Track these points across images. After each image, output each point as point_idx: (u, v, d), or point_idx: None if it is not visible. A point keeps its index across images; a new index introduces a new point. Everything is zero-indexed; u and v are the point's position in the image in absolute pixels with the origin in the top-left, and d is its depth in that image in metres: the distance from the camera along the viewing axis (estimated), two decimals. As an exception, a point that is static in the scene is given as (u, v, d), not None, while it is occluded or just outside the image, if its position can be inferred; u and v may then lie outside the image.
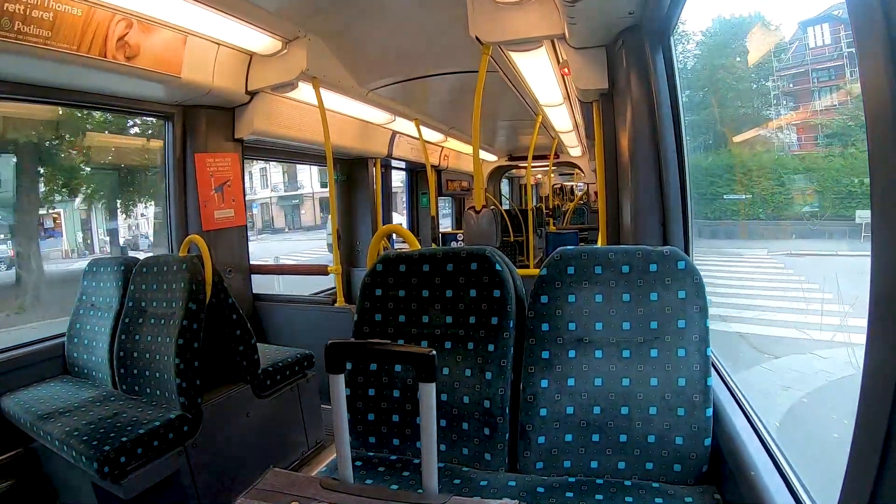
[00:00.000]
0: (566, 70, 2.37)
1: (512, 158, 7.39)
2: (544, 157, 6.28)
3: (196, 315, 1.99)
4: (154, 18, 2.12)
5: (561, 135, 5.06)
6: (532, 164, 4.39)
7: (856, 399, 0.68)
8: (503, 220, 5.76)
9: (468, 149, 5.94)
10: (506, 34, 2.05)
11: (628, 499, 1.12)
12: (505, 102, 3.85)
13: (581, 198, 9.23)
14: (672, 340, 1.21)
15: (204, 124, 2.87)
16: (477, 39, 2.07)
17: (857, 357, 0.69)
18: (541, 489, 1.17)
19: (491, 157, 7.23)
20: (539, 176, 8.60)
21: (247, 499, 0.90)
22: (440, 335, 1.39)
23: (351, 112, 3.70)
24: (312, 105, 3.01)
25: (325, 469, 1.38)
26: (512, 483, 1.22)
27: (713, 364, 1.24)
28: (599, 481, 1.20)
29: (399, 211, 7.90)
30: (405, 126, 4.32)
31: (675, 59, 1.86)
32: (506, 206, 7.42)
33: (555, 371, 1.26)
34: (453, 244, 5.63)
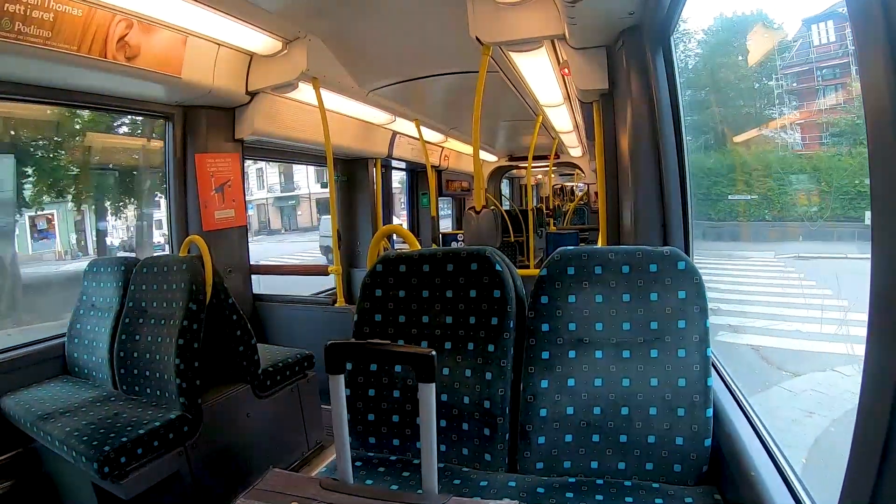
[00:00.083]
0: (566, 70, 2.37)
1: (512, 159, 7.39)
2: (544, 158, 6.29)
3: (196, 315, 1.99)
4: (154, 19, 2.12)
5: (561, 135, 5.05)
6: (532, 165, 4.38)
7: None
8: (503, 221, 5.74)
9: (468, 149, 5.93)
10: (506, 34, 2.05)
11: (628, 499, 1.12)
12: (505, 103, 3.85)
13: (581, 198, 9.22)
14: (672, 341, 1.21)
15: (204, 125, 2.88)
16: (477, 40, 2.07)
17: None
18: (541, 489, 1.17)
19: (491, 158, 7.23)
20: (539, 176, 8.61)
21: (247, 499, 0.90)
22: (440, 335, 1.39)
23: (351, 112, 3.70)
24: (313, 105, 3.01)
25: (325, 469, 1.38)
26: (512, 483, 1.21)
27: (713, 364, 1.23)
28: (599, 482, 1.20)
29: (398, 214, 7.88)
30: (405, 126, 4.32)
31: (676, 60, 1.86)
32: (506, 207, 7.41)
33: (555, 371, 1.26)
34: (453, 244, 5.63)
